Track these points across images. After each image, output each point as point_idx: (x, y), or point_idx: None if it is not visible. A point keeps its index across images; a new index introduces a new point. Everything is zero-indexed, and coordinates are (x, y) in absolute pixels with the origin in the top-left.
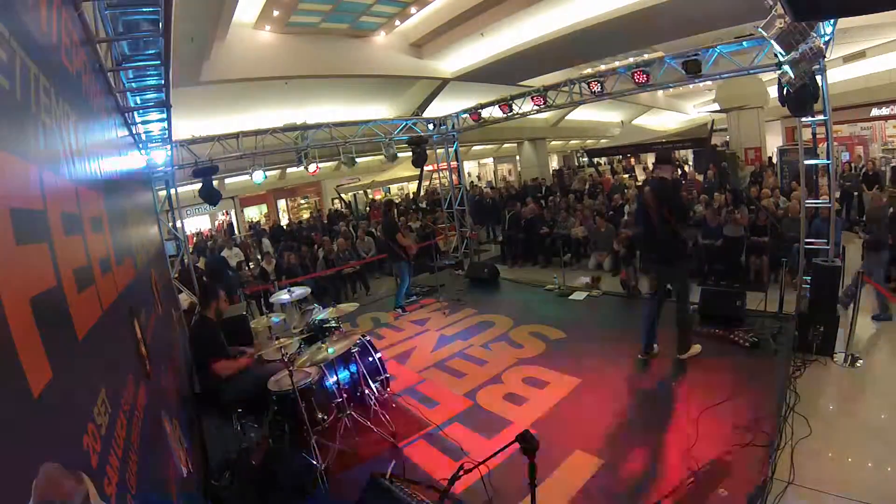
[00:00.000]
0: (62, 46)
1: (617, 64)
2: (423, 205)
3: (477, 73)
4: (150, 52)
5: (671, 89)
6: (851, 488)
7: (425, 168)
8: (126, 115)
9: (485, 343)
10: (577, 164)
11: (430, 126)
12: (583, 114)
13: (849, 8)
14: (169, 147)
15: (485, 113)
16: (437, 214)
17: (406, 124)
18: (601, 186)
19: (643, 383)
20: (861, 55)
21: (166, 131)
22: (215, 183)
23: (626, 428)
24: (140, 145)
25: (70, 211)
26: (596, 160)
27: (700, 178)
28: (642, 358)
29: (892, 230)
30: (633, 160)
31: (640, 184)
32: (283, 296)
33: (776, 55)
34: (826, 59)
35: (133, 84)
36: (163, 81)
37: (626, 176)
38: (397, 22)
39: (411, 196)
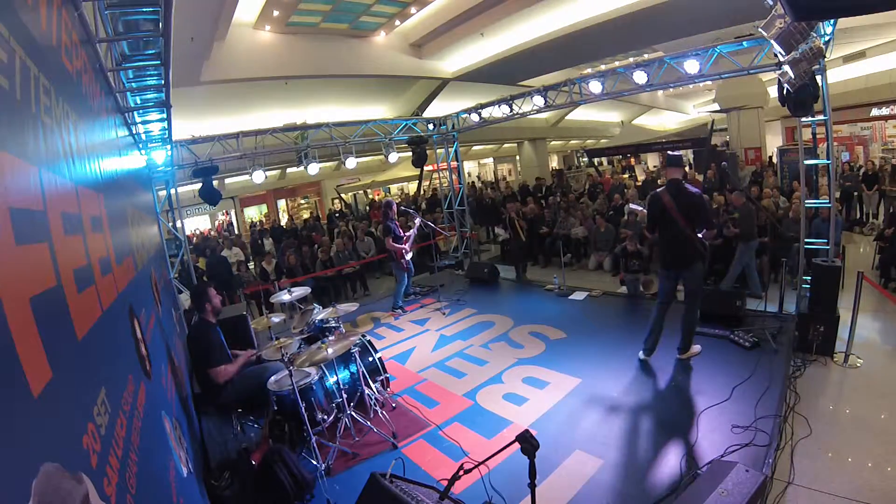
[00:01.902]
0: (62, 46)
1: (617, 64)
2: (423, 205)
3: (477, 73)
4: (150, 52)
5: (671, 89)
6: (851, 488)
7: (425, 168)
8: (126, 115)
9: (485, 343)
10: (576, 163)
11: (430, 126)
12: (583, 114)
13: (849, 8)
14: (169, 147)
15: (485, 113)
16: (435, 215)
17: (406, 124)
18: (601, 186)
19: (643, 383)
20: (861, 55)
21: (166, 131)
22: (215, 183)
23: (626, 428)
24: (140, 145)
25: (70, 211)
26: (596, 160)
27: (700, 178)
28: (643, 358)
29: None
30: (633, 160)
31: (656, 188)
32: (284, 296)
33: (776, 55)
34: (826, 59)
35: (133, 84)
36: (163, 81)
37: (626, 176)
38: (397, 22)
39: (412, 196)
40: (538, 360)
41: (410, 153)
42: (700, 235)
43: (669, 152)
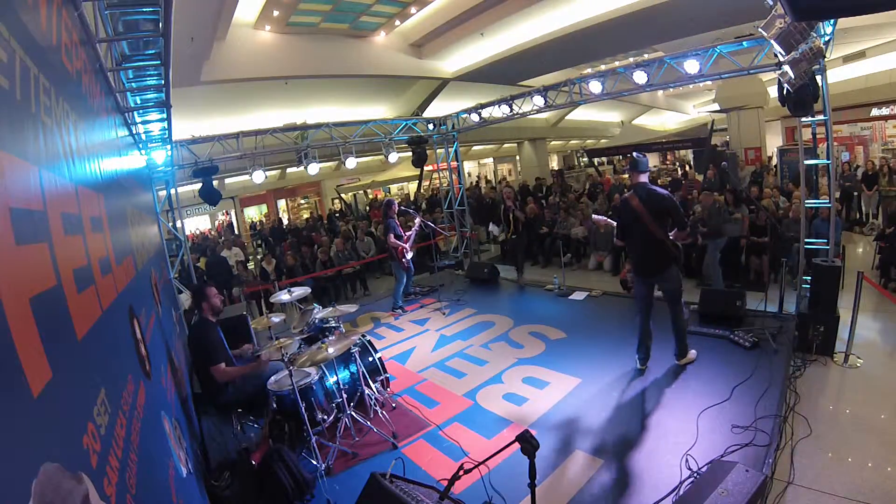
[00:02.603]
0: (62, 46)
1: (617, 64)
2: (423, 205)
3: (477, 73)
4: (150, 52)
5: (671, 89)
6: (851, 488)
7: (425, 168)
8: (126, 115)
9: (485, 343)
10: (576, 163)
11: (430, 126)
12: (583, 114)
13: (849, 8)
14: (169, 147)
15: (485, 113)
16: (435, 215)
17: (406, 124)
18: (601, 186)
19: (643, 383)
20: (861, 55)
21: (166, 131)
22: (215, 183)
23: (626, 428)
24: (140, 145)
25: (70, 211)
26: (596, 160)
27: (700, 178)
28: (640, 368)
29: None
30: None
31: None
32: (283, 296)
33: (776, 55)
34: (826, 59)
35: (133, 84)
36: (163, 81)
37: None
38: (397, 22)
39: (412, 196)
40: (538, 360)
41: (410, 153)
42: (671, 236)
43: (634, 154)
